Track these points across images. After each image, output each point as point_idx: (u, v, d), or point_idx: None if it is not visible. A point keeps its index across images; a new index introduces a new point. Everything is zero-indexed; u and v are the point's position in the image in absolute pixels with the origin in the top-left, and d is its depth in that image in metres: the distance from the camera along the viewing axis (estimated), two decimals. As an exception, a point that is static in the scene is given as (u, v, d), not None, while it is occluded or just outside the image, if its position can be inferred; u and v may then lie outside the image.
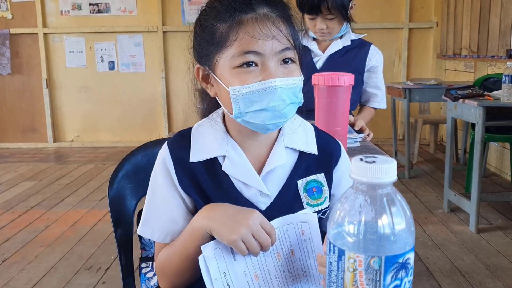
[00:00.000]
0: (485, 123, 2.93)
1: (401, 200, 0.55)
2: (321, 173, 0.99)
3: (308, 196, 0.97)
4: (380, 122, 5.27)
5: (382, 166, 0.53)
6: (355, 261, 0.53)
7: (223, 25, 0.87)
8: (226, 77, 0.88)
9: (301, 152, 0.98)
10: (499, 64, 4.23)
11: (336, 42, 2.17)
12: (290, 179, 0.96)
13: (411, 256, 0.55)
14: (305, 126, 1.02)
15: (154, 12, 5.78)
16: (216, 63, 0.89)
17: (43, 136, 6.07)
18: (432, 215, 3.37)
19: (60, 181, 4.44)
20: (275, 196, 0.95)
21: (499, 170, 4.30)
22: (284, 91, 0.86)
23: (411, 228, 0.54)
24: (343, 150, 1.04)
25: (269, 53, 0.85)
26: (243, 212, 0.86)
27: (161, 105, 5.97)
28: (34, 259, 2.79)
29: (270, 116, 0.87)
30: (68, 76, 5.97)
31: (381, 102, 2.26)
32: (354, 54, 2.18)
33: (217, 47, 0.88)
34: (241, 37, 0.85)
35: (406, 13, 5.62)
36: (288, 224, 0.87)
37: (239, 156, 0.95)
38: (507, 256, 2.70)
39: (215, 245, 0.84)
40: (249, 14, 0.85)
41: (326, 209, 0.99)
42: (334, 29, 2.09)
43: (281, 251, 0.87)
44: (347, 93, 1.53)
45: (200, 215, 0.89)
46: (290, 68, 0.89)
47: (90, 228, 3.25)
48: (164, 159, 0.96)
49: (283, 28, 0.87)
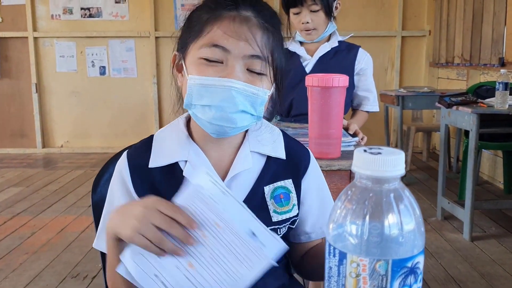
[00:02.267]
0: (478, 130, 2.90)
1: (409, 196, 0.49)
2: (288, 179, 0.95)
3: (275, 203, 0.93)
4: (373, 129, 5.24)
5: (388, 158, 0.47)
6: (359, 265, 0.47)
7: (204, 16, 0.86)
8: (191, 66, 0.87)
9: (269, 157, 0.95)
10: (491, 72, 4.23)
11: (324, 45, 2.14)
12: (257, 185, 0.92)
13: (420, 260, 0.49)
14: (273, 131, 0.99)
15: (146, 18, 5.73)
16: (188, 51, 0.88)
17: (31, 142, 5.97)
18: (426, 223, 3.33)
19: (48, 187, 4.36)
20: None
21: (491, 178, 4.27)
22: (239, 95, 0.83)
23: (420, 229, 0.48)
24: (312, 158, 1.01)
25: (237, 54, 0.83)
26: (134, 203, 0.79)
27: (153, 111, 5.91)
28: (19, 267, 2.70)
29: (217, 117, 0.84)
30: (58, 80, 5.89)
31: (373, 105, 2.22)
32: (343, 56, 2.15)
33: (192, 36, 0.87)
34: (215, 30, 0.84)
35: (399, 21, 5.62)
36: (194, 197, 0.76)
37: (201, 160, 0.91)
38: (502, 265, 2.66)
39: (131, 250, 0.77)
40: (231, 12, 0.85)
41: (295, 218, 0.96)
42: (319, 25, 2.05)
43: (204, 228, 0.76)
44: (341, 95, 1.48)
45: (107, 222, 0.83)
46: (255, 78, 0.85)
47: (77, 235, 3.17)
48: (121, 169, 0.94)
49: (260, 36, 0.84)
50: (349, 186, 0.51)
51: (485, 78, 4.34)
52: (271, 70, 0.88)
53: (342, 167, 1.48)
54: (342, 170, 1.48)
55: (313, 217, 0.99)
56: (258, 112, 0.87)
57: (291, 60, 2.13)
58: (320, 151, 1.50)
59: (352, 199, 0.50)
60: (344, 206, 0.50)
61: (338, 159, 1.51)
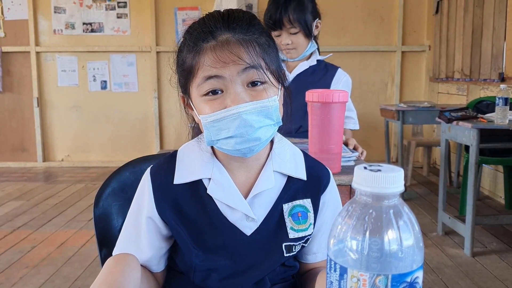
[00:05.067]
0: (479, 145, 2.91)
1: (408, 213, 0.50)
2: (307, 199, 0.97)
3: (293, 220, 0.95)
4: (373, 144, 5.26)
5: (388, 175, 0.48)
6: (359, 280, 0.48)
7: (189, 56, 0.88)
8: (198, 105, 0.89)
9: (290, 177, 0.96)
10: (491, 87, 4.25)
11: (302, 63, 2.17)
12: (277, 204, 0.94)
13: (419, 275, 0.49)
14: (294, 151, 1.00)
15: (147, 32, 5.78)
16: (190, 93, 0.91)
17: (32, 156, 5.98)
18: (426, 238, 3.32)
19: (48, 201, 4.35)
20: (261, 221, 0.93)
21: (492, 193, 4.27)
22: (251, 116, 0.84)
23: (419, 244, 0.49)
24: (332, 177, 1.02)
25: (230, 77, 0.84)
26: None
27: (153, 125, 5.93)
28: (19, 281, 2.69)
29: (240, 141, 0.86)
30: (60, 95, 5.92)
31: (355, 124, 2.25)
32: (320, 75, 2.18)
33: (187, 78, 0.89)
34: (202, 66, 0.85)
35: (398, 36, 5.66)
36: None
37: (225, 178, 0.93)
38: (504, 281, 2.65)
39: None
40: (210, 42, 0.85)
41: (309, 237, 0.97)
42: (299, 45, 2.09)
43: None
44: (341, 110, 1.50)
45: None
46: (259, 90, 0.86)
47: (77, 249, 3.16)
48: (144, 185, 0.96)
49: (244, 51, 0.85)
50: (349, 202, 0.52)
51: (485, 93, 4.35)
52: (270, 75, 0.88)
53: (343, 182, 1.48)
54: (343, 185, 1.48)
55: (323, 235, 1.00)
56: (276, 119, 0.88)
57: None
58: (321, 166, 1.50)
59: (352, 215, 0.51)
60: (345, 222, 0.51)
61: (338, 174, 1.51)
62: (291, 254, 0.96)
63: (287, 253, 0.95)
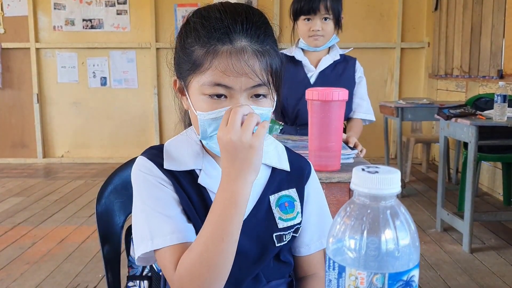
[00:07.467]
0: (477, 142, 2.93)
1: (405, 213, 0.52)
2: (292, 189, 1.01)
3: (280, 210, 0.98)
4: (372, 140, 5.27)
5: (385, 176, 0.50)
6: (357, 278, 0.50)
7: (201, 50, 0.87)
8: (196, 100, 0.90)
9: (274, 169, 1.00)
10: (490, 84, 4.26)
11: (326, 57, 2.19)
12: (263, 195, 0.98)
13: (415, 273, 0.51)
14: (277, 145, 1.04)
15: (147, 29, 5.78)
16: (189, 83, 0.91)
17: (32, 152, 5.99)
18: (425, 234, 3.34)
19: (49, 197, 4.37)
20: (249, 212, 0.95)
21: (491, 190, 4.29)
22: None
23: (415, 243, 0.51)
24: (312, 168, 1.07)
25: (238, 88, 0.86)
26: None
27: (153, 122, 5.94)
28: (19, 277, 2.71)
29: None
30: (60, 91, 5.92)
31: (367, 113, 2.26)
32: (343, 67, 2.21)
33: (192, 69, 0.89)
34: (214, 69, 0.85)
35: (398, 33, 5.66)
36: None
37: (215, 170, 0.96)
38: (502, 277, 2.67)
39: None
40: (226, 45, 0.85)
41: (298, 226, 1.00)
42: (327, 33, 2.13)
43: None
44: (341, 109, 1.51)
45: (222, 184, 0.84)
46: (260, 101, 0.89)
47: (78, 245, 3.18)
48: (146, 166, 0.95)
49: (258, 64, 0.86)
50: (348, 203, 0.54)
51: (484, 90, 4.37)
52: (273, 90, 0.90)
53: (342, 180, 1.50)
54: (342, 182, 1.50)
55: (312, 226, 1.03)
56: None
57: (296, 69, 2.18)
58: (320, 163, 1.52)
59: (350, 215, 0.53)
60: (343, 221, 0.53)
61: (337, 172, 1.53)
62: (282, 244, 0.98)
63: (278, 243, 0.97)
